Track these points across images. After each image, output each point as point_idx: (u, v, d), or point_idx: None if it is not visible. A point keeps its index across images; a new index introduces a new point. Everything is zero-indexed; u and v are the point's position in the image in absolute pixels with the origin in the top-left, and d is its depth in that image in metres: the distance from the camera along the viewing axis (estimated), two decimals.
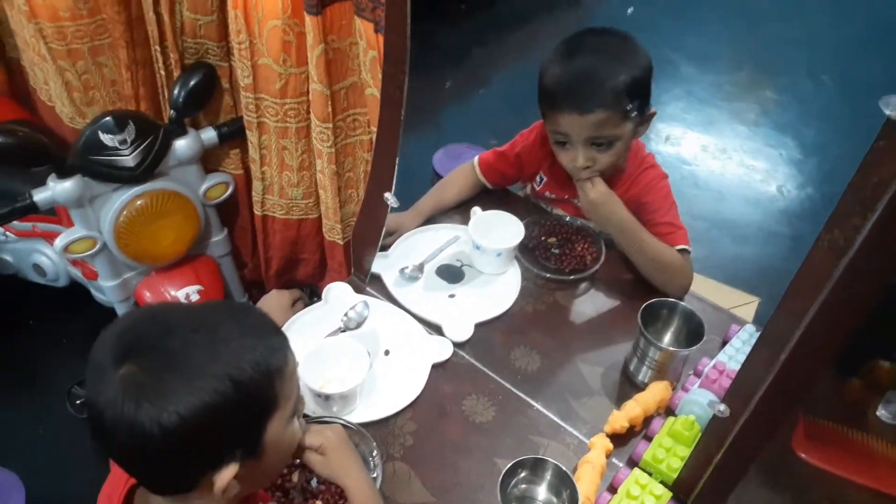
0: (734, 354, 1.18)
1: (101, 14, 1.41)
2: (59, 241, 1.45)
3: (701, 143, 3.06)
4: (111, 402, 0.66)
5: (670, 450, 1.04)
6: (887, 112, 0.58)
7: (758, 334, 0.87)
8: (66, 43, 1.44)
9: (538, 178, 1.49)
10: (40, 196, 1.38)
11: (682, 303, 1.19)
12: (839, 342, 0.68)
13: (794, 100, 3.35)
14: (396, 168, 1.19)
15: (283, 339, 0.77)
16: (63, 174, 1.37)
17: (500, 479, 0.96)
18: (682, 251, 1.32)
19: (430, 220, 1.49)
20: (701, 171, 2.90)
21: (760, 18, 3.88)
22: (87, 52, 1.47)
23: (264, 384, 0.72)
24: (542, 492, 1.01)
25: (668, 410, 1.15)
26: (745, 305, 2.13)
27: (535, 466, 1.01)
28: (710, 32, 3.75)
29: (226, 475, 0.71)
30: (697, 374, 1.18)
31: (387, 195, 1.22)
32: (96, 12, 1.41)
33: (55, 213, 1.66)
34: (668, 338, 1.21)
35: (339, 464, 0.95)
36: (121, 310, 1.67)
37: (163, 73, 1.45)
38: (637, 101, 1.24)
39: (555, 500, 1.00)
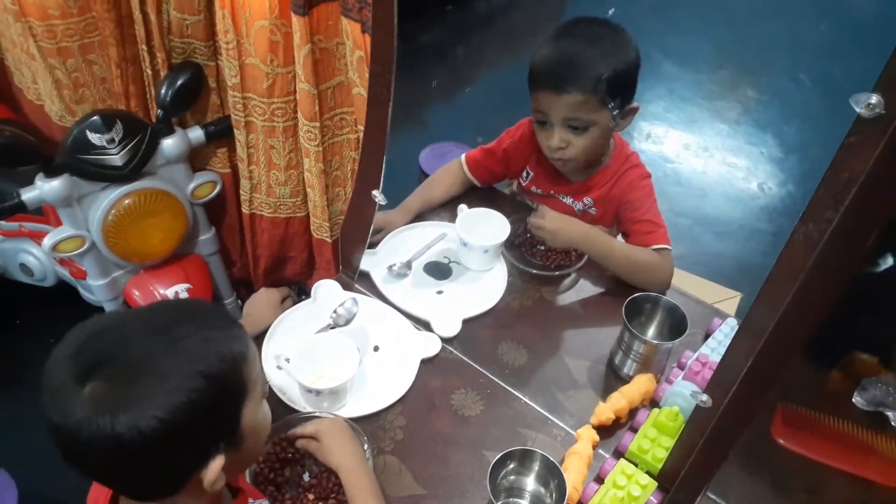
0: (716, 347, 1.21)
1: (90, 12, 1.41)
2: (48, 241, 1.45)
3: (683, 141, 3.09)
4: (84, 422, 0.64)
5: (655, 440, 1.06)
6: (858, 109, 0.60)
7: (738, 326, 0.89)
8: (56, 41, 1.44)
9: (525, 174, 1.51)
10: (28, 195, 1.37)
11: (664, 297, 1.22)
12: (812, 332, 0.71)
13: (775, 98, 3.40)
14: (384, 166, 1.20)
15: (239, 326, 0.78)
16: (51, 173, 1.37)
17: (490, 470, 0.98)
18: (662, 250, 1.34)
19: (417, 217, 1.51)
20: (683, 169, 2.94)
21: (741, 18, 3.93)
22: (76, 49, 1.47)
23: (233, 373, 0.73)
24: (530, 482, 1.03)
25: (653, 402, 1.17)
26: (728, 300, 2.16)
27: (524, 458, 1.03)
28: (691, 32, 3.79)
29: (214, 469, 0.72)
30: (681, 367, 1.20)
31: (374, 193, 1.23)
32: (86, 10, 1.41)
33: (42, 213, 1.66)
34: (651, 331, 1.23)
35: (332, 449, 0.99)
36: (109, 308, 1.67)
37: (150, 72, 1.45)
38: (616, 90, 1.26)
39: (543, 490, 1.02)
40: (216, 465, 0.72)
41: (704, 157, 3.02)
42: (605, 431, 1.12)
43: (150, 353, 0.68)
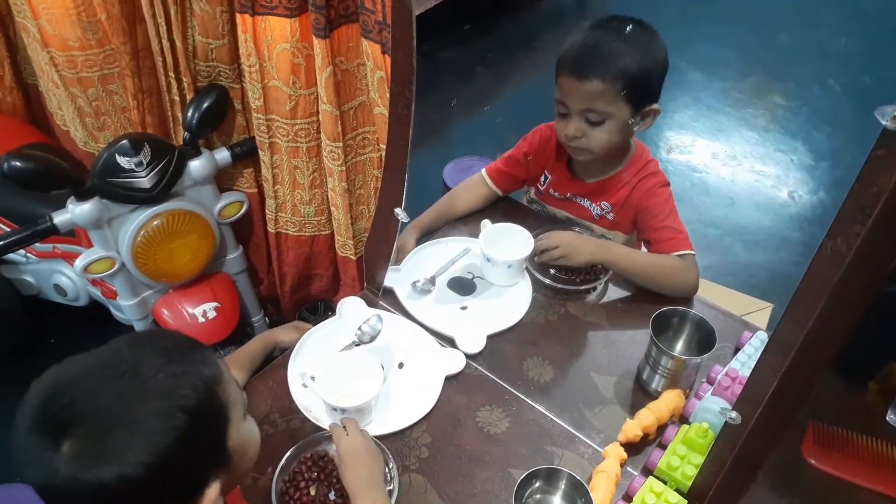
0: (746, 361, 1.19)
1: (109, 44, 1.45)
2: (79, 262, 1.48)
3: (710, 150, 3.06)
4: (70, 481, 0.63)
5: (684, 457, 1.04)
6: (884, 122, 0.59)
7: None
8: (76, 71, 1.48)
9: (543, 178, 1.52)
10: (60, 218, 1.41)
11: (692, 311, 1.20)
12: (841, 348, 0.69)
13: (804, 105, 3.35)
14: (406, 184, 1.21)
15: (205, 349, 0.76)
16: (81, 197, 1.41)
17: (515, 489, 0.97)
18: (685, 255, 1.33)
19: (435, 233, 1.51)
20: (711, 179, 2.90)
21: (766, 26, 3.88)
22: (97, 80, 1.50)
23: (210, 399, 0.71)
24: (556, 501, 1.02)
25: (682, 418, 1.15)
26: (759, 312, 2.12)
27: (550, 476, 1.02)
28: (716, 40, 3.75)
29: (210, 497, 0.71)
30: (710, 382, 1.18)
31: (397, 210, 1.24)
32: (105, 42, 1.45)
33: (74, 235, 1.70)
34: (679, 346, 1.21)
35: (345, 473, 0.98)
36: (139, 327, 1.69)
37: (176, 96, 1.48)
38: (637, 86, 1.25)
39: None
40: (212, 491, 0.71)
41: (732, 166, 2.98)
42: (633, 448, 1.11)
43: (122, 400, 0.66)
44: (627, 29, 1.27)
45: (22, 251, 1.80)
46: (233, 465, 0.76)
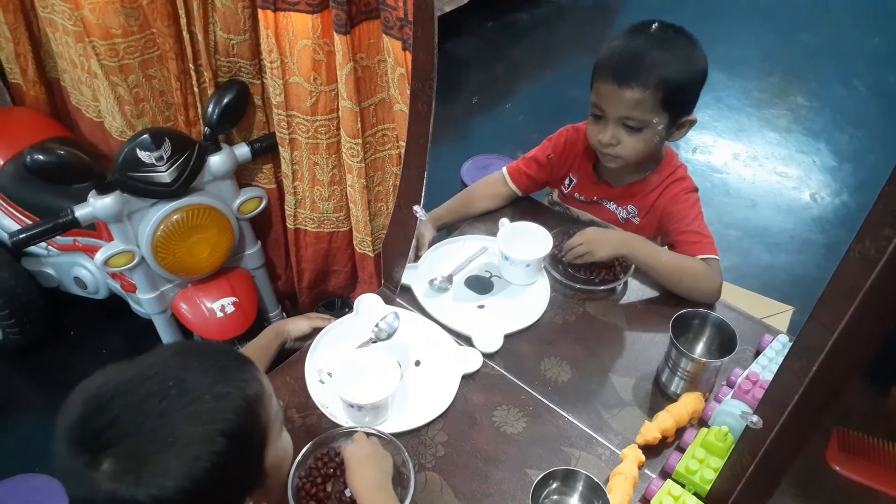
0: (767, 364, 1.17)
1: (150, 29, 1.46)
2: (100, 256, 1.50)
3: (732, 150, 3.02)
4: (105, 497, 0.64)
5: (703, 461, 1.03)
6: None
7: (791, 344, 0.86)
8: (118, 59, 1.48)
9: (567, 181, 1.50)
10: (81, 212, 1.42)
11: (713, 313, 1.18)
12: (871, 354, 0.68)
13: (827, 106, 3.30)
14: (425, 181, 1.20)
15: (251, 366, 0.76)
16: (103, 190, 1.42)
17: (532, 489, 0.97)
18: (709, 259, 1.31)
19: (455, 231, 1.50)
20: (732, 179, 2.87)
21: (788, 25, 3.84)
22: (137, 66, 1.51)
23: (252, 421, 0.71)
24: (573, 503, 1.01)
25: (701, 421, 1.14)
26: (780, 315, 2.09)
27: (567, 477, 1.01)
28: (737, 39, 3.71)
29: None
30: (730, 385, 1.17)
31: (416, 208, 1.24)
32: (146, 27, 1.46)
33: (95, 228, 1.71)
34: (699, 348, 1.20)
35: (350, 476, 0.98)
36: (158, 322, 1.71)
37: (197, 90, 1.48)
38: (677, 96, 1.24)
39: None
40: None
41: (754, 167, 2.95)
42: (652, 451, 1.10)
43: (165, 421, 0.66)
44: (670, 37, 1.26)
45: (43, 244, 1.82)
46: (268, 482, 0.75)
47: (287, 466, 0.83)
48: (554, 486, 1.01)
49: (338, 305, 1.91)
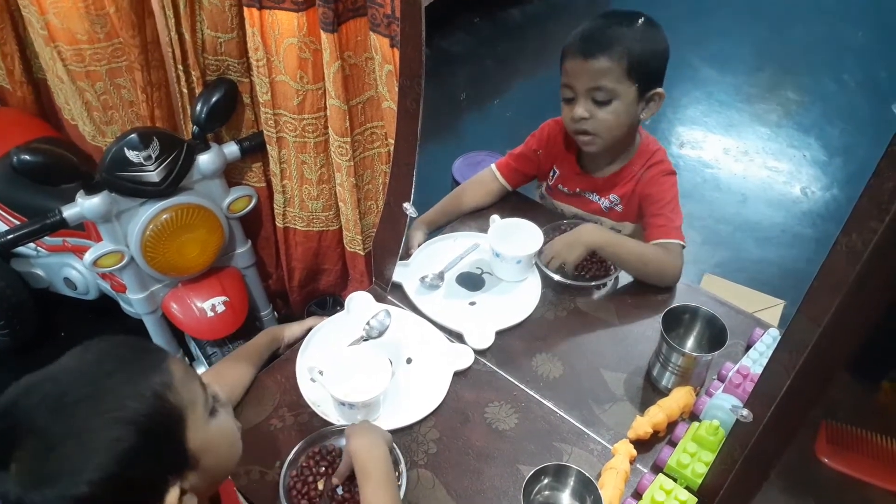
0: (758, 358, 1.17)
1: (117, 37, 1.45)
2: (88, 256, 1.49)
3: (722, 145, 3.03)
4: (18, 502, 0.63)
5: (695, 455, 1.04)
6: None
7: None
8: (84, 65, 1.48)
9: (552, 173, 1.52)
10: (69, 212, 1.41)
11: (703, 308, 1.19)
12: (857, 347, 0.68)
13: (817, 100, 3.31)
14: (414, 179, 1.20)
15: (157, 352, 0.75)
16: (90, 190, 1.41)
17: (524, 485, 0.96)
18: (671, 244, 1.33)
19: (446, 228, 1.51)
20: (723, 175, 2.88)
21: (780, 20, 3.84)
22: (104, 73, 1.51)
23: (159, 406, 0.70)
24: (565, 498, 1.01)
25: (693, 415, 1.14)
26: (771, 308, 2.10)
27: (559, 473, 1.01)
28: (728, 35, 3.72)
29: (170, 500, 0.70)
30: (721, 379, 1.17)
31: (405, 205, 1.23)
32: (113, 35, 1.45)
33: (84, 228, 1.70)
34: (690, 343, 1.20)
35: (350, 437, 1.00)
36: (149, 321, 1.70)
37: (185, 90, 1.48)
38: (642, 67, 1.28)
39: None
40: (172, 497, 0.70)
41: (745, 162, 2.95)
42: (644, 446, 1.10)
43: (63, 417, 0.65)
44: (632, 17, 1.31)
45: (32, 245, 1.81)
46: (201, 465, 0.74)
47: (227, 449, 0.81)
48: (546, 481, 1.01)
49: (329, 304, 1.91)
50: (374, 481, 0.95)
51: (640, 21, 1.31)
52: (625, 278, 1.38)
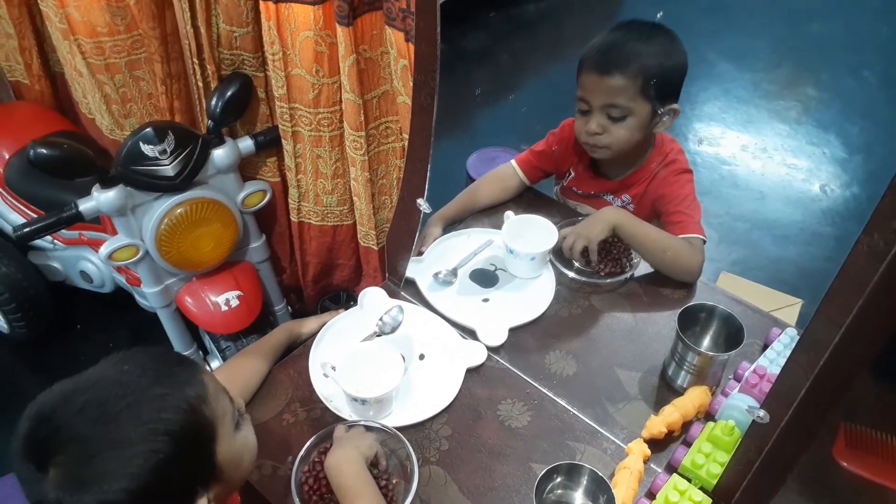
0: (775, 358, 1.16)
1: (137, 29, 1.45)
2: (104, 250, 1.49)
3: (740, 142, 3.00)
4: None
5: (710, 455, 1.03)
6: None
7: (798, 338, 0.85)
8: (104, 57, 1.48)
9: (567, 174, 1.52)
10: (85, 206, 1.42)
11: (720, 306, 1.17)
12: (879, 349, 0.67)
13: (837, 97, 3.27)
14: (428, 174, 1.20)
15: (192, 366, 0.77)
16: (106, 184, 1.41)
17: (536, 484, 0.96)
18: (692, 238, 1.32)
19: (459, 223, 1.50)
20: (741, 171, 2.85)
21: (799, 16, 3.79)
22: (124, 66, 1.51)
23: (194, 419, 0.72)
24: (578, 497, 1.01)
25: (708, 415, 1.13)
26: (789, 308, 2.08)
27: (571, 472, 1.00)
28: (747, 31, 3.68)
29: None
30: (737, 379, 1.16)
31: (419, 201, 1.23)
32: (133, 28, 1.45)
33: (100, 222, 1.71)
34: (706, 342, 1.19)
35: (335, 492, 0.98)
36: (163, 315, 1.70)
37: (200, 84, 1.48)
38: (658, 83, 1.27)
39: None
40: None
41: (763, 159, 2.92)
42: (658, 445, 1.09)
43: (104, 425, 0.68)
44: (650, 31, 1.30)
45: (49, 238, 1.82)
46: (226, 476, 0.76)
47: (248, 461, 0.84)
48: (558, 480, 1.00)
49: (343, 299, 1.91)
50: (349, 498, 0.95)
51: (658, 35, 1.30)
52: (640, 276, 1.37)
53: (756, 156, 2.93)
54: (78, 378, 0.73)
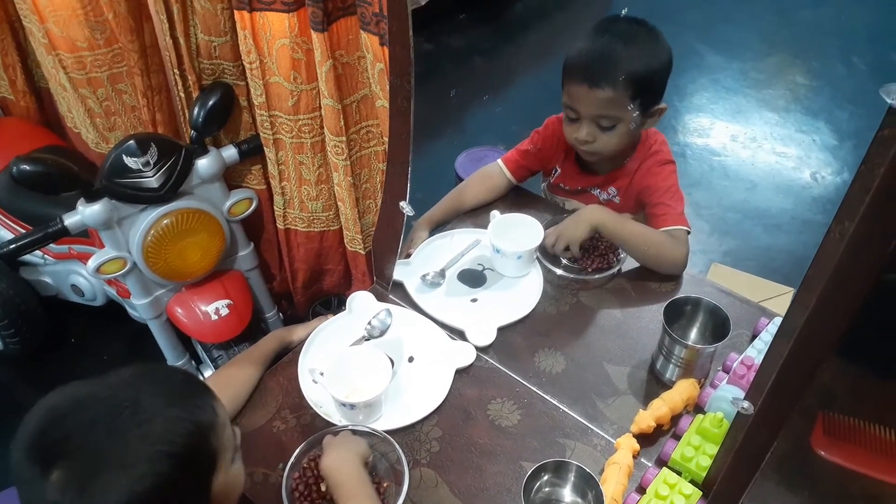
0: (763, 349, 1.16)
1: (117, 43, 1.45)
2: (91, 263, 1.49)
3: (730, 132, 3.00)
4: None
5: (699, 448, 1.02)
6: (889, 101, 0.56)
7: None
8: (85, 72, 1.48)
9: (553, 171, 1.53)
10: (71, 220, 1.42)
11: (706, 298, 1.17)
12: (843, 333, 0.67)
13: (827, 84, 3.26)
14: (409, 177, 1.19)
15: (208, 393, 0.77)
16: (91, 198, 1.41)
17: (524, 483, 0.96)
18: (676, 230, 1.32)
19: (446, 225, 1.50)
20: (731, 162, 2.85)
21: (787, 5, 3.79)
22: (106, 79, 1.51)
23: (200, 447, 0.72)
24: (567, 494, 1.01)
25: (697, 408, 1.13)
26: (781, 297, 2.08)
27: (559, 469, 1.00)
28: (735, 21, 3.68)
29: None
30: (726, 370, 1.15)
31: (402, 204, 1.23)
32: (112, 41, 1.45)
33: (89, 236, 1.71)
34: (693, 334, 1.19)
35: (332, 492, 0.98)
36: (154, 326, 1.70)
37: (182, 95, 1.47)
38: (647, 90, 1.27)
39: (580, 501, 0.99)
40: None
41: (753, 148, 2.92)
42: (648, 439, 1.09)
43: (115, 438, 0.68)
44: (633, 32, 1.29)
45: (39, 253, 1.83)
46: None
47: (236, 496, 0.84)
48: (546, 478, 1.00)
49: (334, 304, 1.91)
50: (346, 498, 0.95)
51: (642, 36, 1.29)
52: (627, 271, 1.37)
53: (746, 145, 2.93)
54: (93, 383, 0.73)
